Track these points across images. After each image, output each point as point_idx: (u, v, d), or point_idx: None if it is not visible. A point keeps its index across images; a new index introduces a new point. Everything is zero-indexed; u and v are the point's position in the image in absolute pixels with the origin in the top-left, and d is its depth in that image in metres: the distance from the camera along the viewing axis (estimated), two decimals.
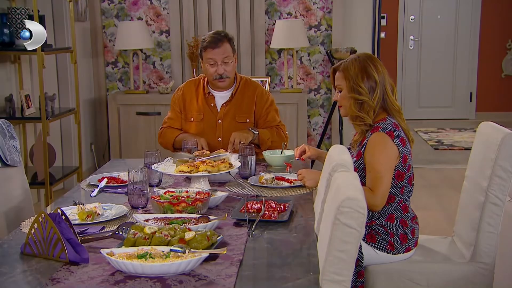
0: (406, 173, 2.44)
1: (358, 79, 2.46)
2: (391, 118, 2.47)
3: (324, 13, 5.79)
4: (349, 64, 2.50)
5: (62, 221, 1.90)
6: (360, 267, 2.32)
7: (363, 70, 2.47)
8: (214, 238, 1.90)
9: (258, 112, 3.31)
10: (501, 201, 2.37)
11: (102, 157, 5.96)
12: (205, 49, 3.20)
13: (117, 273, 1.74)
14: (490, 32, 8.72)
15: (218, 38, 3.19)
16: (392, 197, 2.44)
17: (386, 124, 2.43)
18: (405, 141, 2.44)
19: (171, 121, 3.38)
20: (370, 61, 2.49)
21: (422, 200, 4.94)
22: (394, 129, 2.42)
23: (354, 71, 2.47)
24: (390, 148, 2.39)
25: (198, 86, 3.35)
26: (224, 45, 3.19)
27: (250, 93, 3.31)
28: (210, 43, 3.19)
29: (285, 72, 5.67)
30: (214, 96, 3.31)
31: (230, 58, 3.21)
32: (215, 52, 3.17)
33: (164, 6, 5.84)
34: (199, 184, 2.53)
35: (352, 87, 2.47)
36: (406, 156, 2.43)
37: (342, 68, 2.52)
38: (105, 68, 5.96)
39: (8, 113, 4.37)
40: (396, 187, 2.44)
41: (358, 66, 2.48)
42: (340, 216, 1.61)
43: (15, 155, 2.66)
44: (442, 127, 8.35)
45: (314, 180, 2.53)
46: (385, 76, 2.49)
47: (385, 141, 2.39)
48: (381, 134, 2.40)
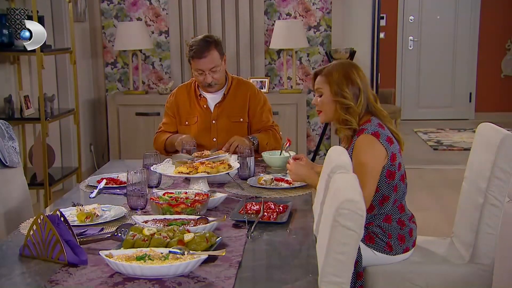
0: (397, 171, 2.44)
1: (343, 84, 2.46)
2: (375, 119, 2.47)
3: (323, 14, 5.80)
4: (333, 69, 2.50)
5: (61, 223, 1.89)
6: (359, 268, 2.33)
7: (347, 76, 2.47)
8: (213, 240, 1.90)
9: (252, 111, 3.31)
10: (500, 202, 2.37)
11: (102, 157, 5.96)
12: (192, 58, 3.17)
13: (116, 275, 1.73)
14: (489, 33, 8.72)
15: (205, 46, 3.13)
16: (386, 197, 2.44)
17: (371, 125, 2.43)
18: (392, 139, 2.43)
19: (165, 126, 3.39)
20: (353, 68, 2.50)
21: (421, 201, 4.94)
22: (380, 129, 2.42)
23: (338, 76, 2.47)
24: (377, 150, 2.38)
25: (190, 89, 3.35)
26: (211, 53, 3.14)
27: (243, 93, 3.32)
28: (196, 53, 3.14)
29: (284, 72, 5.68)
30: (206, 98, 3.31)
31: (217, 66, 3.17)
32: (201, 62, 3.14)
33: (164, 7, 5.84)
34: (198, 185, 2.53)
35: (336, 91, 2.47)
36: (394, 154, 2.43)
37: (325, 73, 2.51)
38: (104, 68, 5.96)
39: (7, 114, 4.37)
40: (389, 186, 2.43)
41: (341, 71, 2.48)
42: (339, 218, 1.61)
43: (14, 156, 2.66)
44: (442, 127, 8.35)
45: (298, 176, 2.55)
46: (367, 84, 2.51)
47: (372, 142, 2.39)
48: (367, 136, 2.40)
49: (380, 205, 2.44)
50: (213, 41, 3.18)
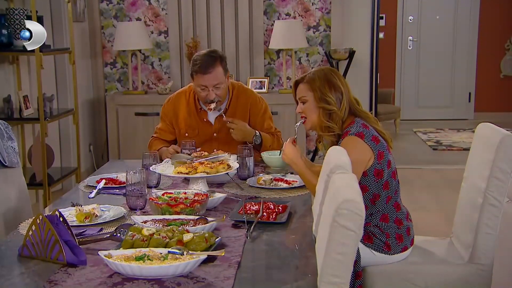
0: (385, 169, 2.44)
1: (326, 90, 2.49)
2: (359, 119, 2.48)
3: (322, 14, 5.80)
4: (314, 76, 2.53)
5: (60, 223, 1.89)
6: (358, 268, 2.32)
7: (329, 81, 2.50)
8: (212, 240, 1.90)
9: (253, 120, 3.25)
10: (499, 203, 2.37)
11: (101, 157, 5.96)
12: (196, 73, 3.05)
13: (115, 275, 1.73)
14: (488, 33, 8.73)
15: (209, 62, 3.02)
16: (376, 195, 2.44)
17: (354, 127, 2.44)
18: (377, 138, 2.44)
19: (161, 132, 3.32)
20: (333, 73, 2.54)
21: (421, 201, 4.94)
22: (364, 130, 2.43)
23: (320, 82, 2.50)
24: (361, 150, 2.38)
25: (189, 99, 3.24)
26: (216, 69, 3.03)
27: (243, 102, 3.24)
28: (201, 68, 3.02)
29: (283, 72, 5.68)
30: (206, 111, 3.22)
31: (221, 83, 3.06)
32: (205, 78, 3.03)
33: (163, 7, 5.84)
34: (198, 186, 2.52)
35: (320, 97, 2.49)
36: (382, 152, 2.42)
37: (307, 80, 2.54)
38: (103, 68, 5.96)
39: (6, 114, 4.37)
40: (377, 185, 2.43)
41: (323, 77, 2.51)
42: (338, 218, 1.61)
43: (13, 156, 2.66)
44: (441, 127, 8.36)
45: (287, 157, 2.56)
46: (348, 88, 2.53)
47: (356, 142, 2.39)
48: (351, 137, 2.41)
49: (372, 204, 2.44)
50: (218, 57, 3.07)
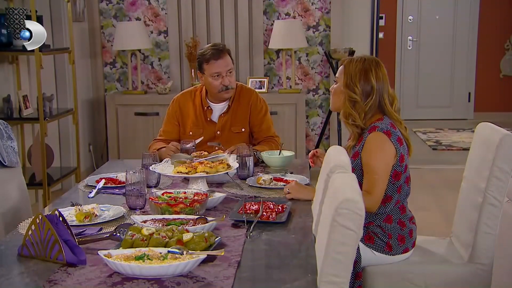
0: (403, 173, 2.44)
1: (356, 78, 2.45)
2: (387, 118, 2.47)
3: (322, 14, 5.79)
4: (353, 61, 2.50)
5: (59, 223, 1.89)
6: (358, 268, 2.33)
7: (363, 71, 2.46)
8: (212, 240, 1.90)
9: (252, 120, 3.28)
10: (499, 202, 2.37)
11: (100, 157, 5.96)
12: (208, 61, 3.17)
13: (114, 274, 1.73)
14: (488, 32, 8.72)
15: (219, 49, 3.19)
16: (389, 197, 2.43)
17: (383, 123, 2.43)
18: (402, 141, 2.44)
19: (167, 134, 3.32)
20: (374, 66, 2.47)
21: (420, 201, 4.94)
22: (391, 129, 2.42)
23: (354, 69, 2.47)
24: (388, 148, 2.39)
25: (195, 98, 3.30)
26: (226, 56, 3.19)
27: (245, 101, 3.28)
28: (213, 55, 3.16)
29: (283, 72, 5.67)
30: (212, 109, 3.27)
31: (232, 69, 3.21)
32: (219, 63, 3.16)
33: (162, 7, 5.83)
34: (197, 185, 2.52)
35: (347, 83, 2.47)
36: (403, 155, 2.43)
37: (346, 63, 2.52)
38: (103, 68, 5.95)
39: (6, 113, 4.37)
40: (393, 187, 2.43)
41: (360, 66, 2.47)
42: (338, 217, 1.60)
43: (12, 156, 2.65)
44: (441, 127, 8.35)
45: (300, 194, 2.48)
46: (384, 85, 2.47)
47: (383, 141, 2.39)
48: (379, 134, 2.40)
49: (383, 205, 2.43)
50: (224, 47, 3.23)
